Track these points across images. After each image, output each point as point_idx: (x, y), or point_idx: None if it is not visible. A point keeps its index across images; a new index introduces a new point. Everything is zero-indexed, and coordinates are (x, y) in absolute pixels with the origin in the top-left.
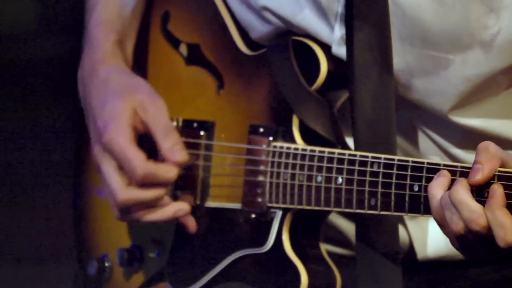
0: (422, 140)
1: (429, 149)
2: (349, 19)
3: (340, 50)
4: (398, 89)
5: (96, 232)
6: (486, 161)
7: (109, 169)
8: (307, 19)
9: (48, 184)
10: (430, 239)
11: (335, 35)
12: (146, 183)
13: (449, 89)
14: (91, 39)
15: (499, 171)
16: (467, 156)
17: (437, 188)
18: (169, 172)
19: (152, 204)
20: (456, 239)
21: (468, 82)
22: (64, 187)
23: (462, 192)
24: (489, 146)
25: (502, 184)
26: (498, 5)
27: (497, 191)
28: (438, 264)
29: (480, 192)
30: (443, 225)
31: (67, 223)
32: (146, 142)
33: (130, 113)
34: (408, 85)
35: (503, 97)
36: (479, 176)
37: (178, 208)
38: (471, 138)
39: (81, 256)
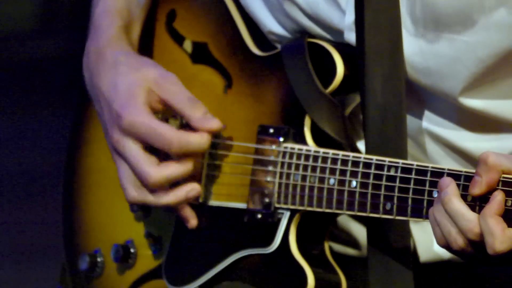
0: (429, 141)
1: (437, 149)
2: (360, 3)
3: (351, 36)
4: (410, 74)
5: (88, 227)
6: (484, 174)
7: (136, 151)
8: (320, 4)
9: (38, 181)
10: (433, 241)
11: (346, 21)
12: (182, 153)
13: (461, 71)
14: (95, 26)
15: (504, 177)
16: (477, 149)
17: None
18: (203, 140)
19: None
20: (456, 251)
21: (481, 63)
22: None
23: (456, 201)
24: (489, 158)
25: (505, 190)
26: None
27: (496, 197)
28: (440, 266)
29: (484, 199)
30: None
31: (58, 222)
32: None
33: (145, 92)
34: (421, 69)
35: None
36: (476, 190)
37: (189, 188)
38: (481, 123)
39: (70, 250)
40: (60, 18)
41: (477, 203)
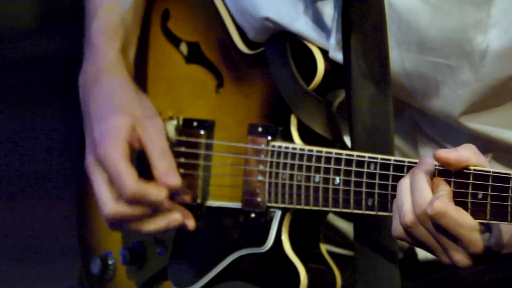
0: (422, 143)
1: (430, 151)
2: (346, 26)
3: (337, 55)
4: (399, 94)
5: (99, 230)
6: (462, 149)
7: (100, 181)
8: (304, 26)
9: (51, 183)
10: None
11: (331, 41)
12: (135, 200)
13: (450, 94)
14: (94, 46)
15: (474, 170)
16: None
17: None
18: (159, 194)
19: (139, 218)
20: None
21: (467, 87)
22: (67, 186)
23: (422, 177)
24: (472, 146)
25: (476, 183)
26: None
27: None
28: (438, 264)
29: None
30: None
31: (71, 222)
32: (141, 160)
33: (129, 129)
34: (408, 90)
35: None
36: (443, 153)
37: (170, 219)
38: (476, 141)
39: (85, 254)
40: (59, 17)
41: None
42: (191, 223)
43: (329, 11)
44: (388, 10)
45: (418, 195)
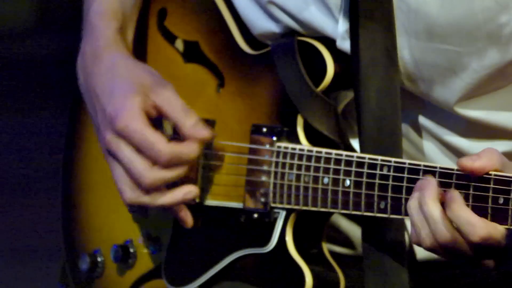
0: (426, 137)
1: (432, 146)
2: (354, 14)
3: (344, 44)
4: (405, 84)
5: (88, 227)
6: (484, 155)
7: (128, 153)
8: (313, 14)
9: (38, 181)
10: None
11: (339, 29)
12: (173, 164)
13: (456, 82)
14: (91, 27)
15: (496, 175)
16: (471, 149)
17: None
18: (193, 150)
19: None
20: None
21: (475, 74)
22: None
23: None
24: (494, 150)
25: (497, 188)
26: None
27: (453, 194)
28: (437, 264)
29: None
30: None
31: (58, 221)
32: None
33: (142, 98)
34: (415, 79)
35: (509, 89)
36: (468, 162)
37: (187, 190)
38: (476, 130)
39: (71, 250)
40: (58, 17)
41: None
42: (189, 221)
43: (336, 0)
44: None
45: (434, 227)
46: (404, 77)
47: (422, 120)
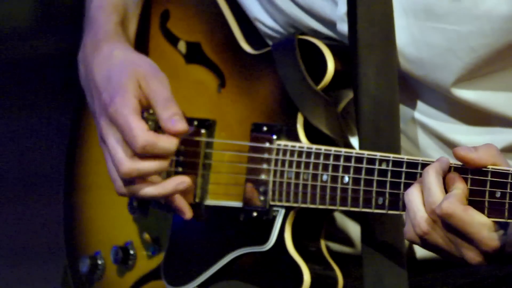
0: (423, 134)
1: (429, 142)
2: None
3: (344, 27)
4: (403, 65)
5: (88, 229)
6: (481, 149)
7: (113, 140)
8: None
9: (38, 181)
10: None
11: (338, 11)
12: (147, 153)
13: (454, 61)
14: (92, 21)
15: (493, 168)
16: (468, 141)
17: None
18: (169, 143)
19: (153, 178)
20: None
21: (474, 53)
22: (55, 186)
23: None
24: (492, 146)
25: (495, 181)
26: None
27: (461, 184)
28: (437, 263)
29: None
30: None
31: (58, 222)
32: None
33: (135, 85)
34: (414, 60)
35: (507, 72)
36: (464, 151)
37: (179, 181)
38: (473, 117)
39: (71, 253)
40: (59, 16)
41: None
42: (188, 213)
43: None
44: None
45: (427, 194)
46: (402, 59)
47: (417, 115)
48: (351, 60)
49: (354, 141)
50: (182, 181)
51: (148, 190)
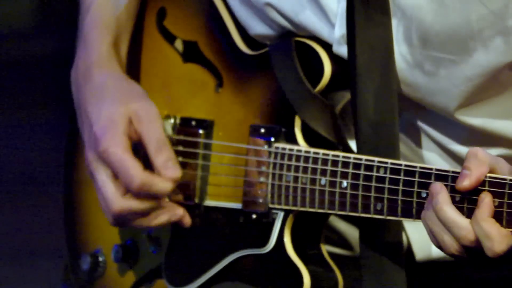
0: (424, 141)
1: (431, 150)
2: (351, 19)
3: (340, 49)
4: (401, 88)
5: (89, 227)
6: (474, 167)
7: (103, 177)
8: (308, 18)
9: (39, 181)
10: (428, 240)
11: (335, 34)
12: (142, 193)
13: (451, 89)
14: (85, 41)
15: (490, 177)
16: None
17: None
18: (165, 185)
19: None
20: (453, 255)
21: (470, 82)
22: (55, 185)
23: (448, 209)
24: (478, 152)
25: (492, 191)
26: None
27: (484, 200)
28: (437, 265)
29: (471, 200)
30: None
31: (58, 221)
32: (142, 151)
33: (126, 121)
34: (411, 84)
35: (507, 97)
36: (466, 182)
37: (172, 213)
38: (475, 136)
39: (72, 250)
40: (59, 17)
41: (465, 205)
42: (187, 220)
43: (333, 5)
44: (391, 6)
45: (457, 231)
46: (402, 83)
47: (422, 124)
48: (350, 83)
49: (353, 143)
50: (174, 213)
51: (141, 223)
